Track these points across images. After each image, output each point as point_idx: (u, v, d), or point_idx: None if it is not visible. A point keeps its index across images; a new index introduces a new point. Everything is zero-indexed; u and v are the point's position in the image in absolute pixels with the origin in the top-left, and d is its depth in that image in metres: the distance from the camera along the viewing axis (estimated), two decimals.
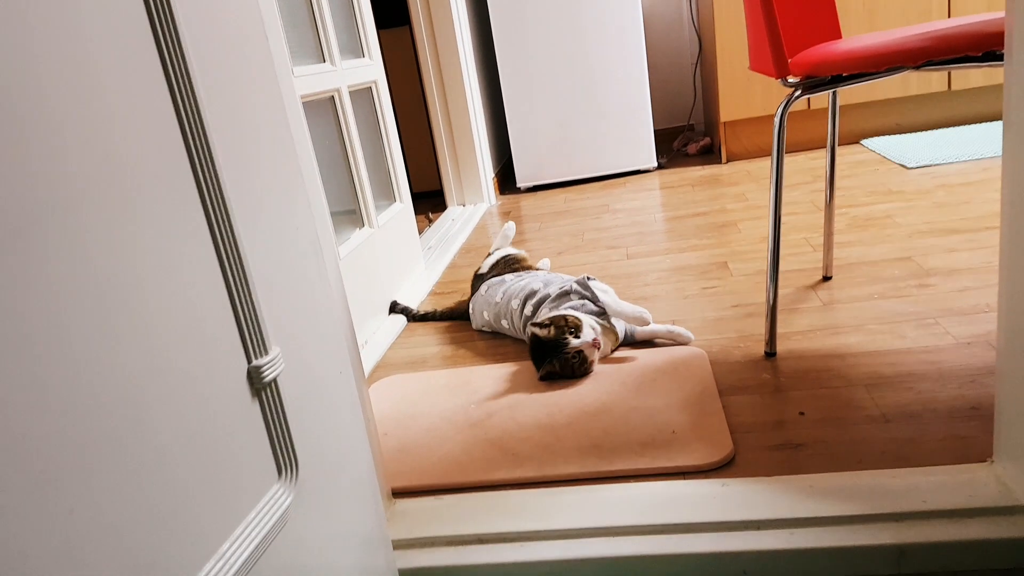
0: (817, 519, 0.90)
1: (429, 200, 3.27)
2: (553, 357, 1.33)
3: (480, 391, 1.36)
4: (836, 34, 1.41)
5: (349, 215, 1.80)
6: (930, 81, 2.70)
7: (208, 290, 0.59)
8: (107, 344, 0.48)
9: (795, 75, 1.22)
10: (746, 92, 2.83)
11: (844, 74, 1.16)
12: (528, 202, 2.96)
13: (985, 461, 0.93)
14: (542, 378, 1.35)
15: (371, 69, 1.97)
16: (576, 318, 1.35)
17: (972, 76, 2.69)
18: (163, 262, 0.54)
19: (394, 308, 1.84)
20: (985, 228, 1.74)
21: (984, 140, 2.49)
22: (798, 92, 1.21)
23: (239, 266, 0.63)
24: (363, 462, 0.84)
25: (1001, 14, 1.12)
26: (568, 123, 3.02)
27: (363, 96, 1.95)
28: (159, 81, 0.56)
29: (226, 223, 0.62)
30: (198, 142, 0.59)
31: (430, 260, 2.29)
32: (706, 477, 1.01)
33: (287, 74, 0.87)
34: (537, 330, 1.35)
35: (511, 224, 1.91)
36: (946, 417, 1.04)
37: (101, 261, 0.48)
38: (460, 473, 1.10)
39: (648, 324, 1.41)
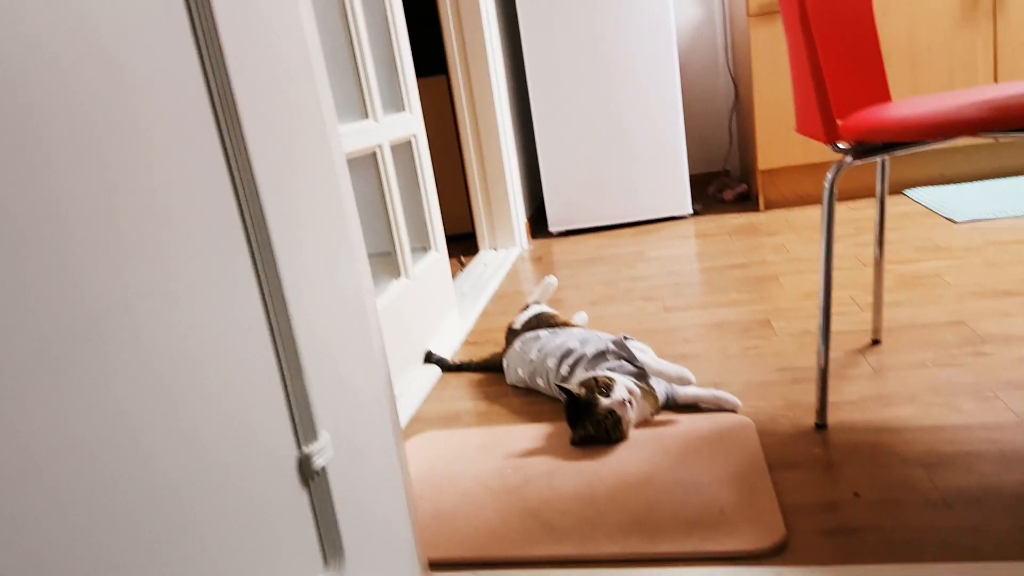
0: None
1: (461, 243, 3.27)
2: (587, 419, 1.29)
3: (516, 453, 1.33)
4: (885, 96, 1.38)
5: (385, 266, 1.79)
6: None
7: (261, 370, 0.58)
8: (141, 431, 0.46)
9: (846, 140, 1.19)
10: (785, 140, 2.80)
11: (896, 141, 1.13)
12: (560, 247, 2.94)
13: None
14: (575, 443, 1.31)
15: (411, 123, 1.99)
16: (608, 378, 1.32)
17: None
18: (210, 339, 0.53)
19: (429, 358, 1.82)
20: None
21: None
22: (849, 158, 1.18)
23: (291, 343, 0.61)
24: (405, 542, 0.81)
25: None
26: (601, 167, 3.02)
27: (403, 149, 1.96)
28: (218, 161, 0.55)
29: (278, 295, 0.60)
30: (252, 210, 0.58)
31: (463, 307, 2.28)
32: (758, 564, 0.96)
33: (335, 135, 0.86)
34: (570, 388, 1.32)
35: (552, 279, 1.89)
36: (1013, 505, 0.99)
37: (134, 338, 0.47)
38: (498, 546, 1.07)
39: (691, 383, 1.37)
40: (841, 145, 1.19)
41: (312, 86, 0.71)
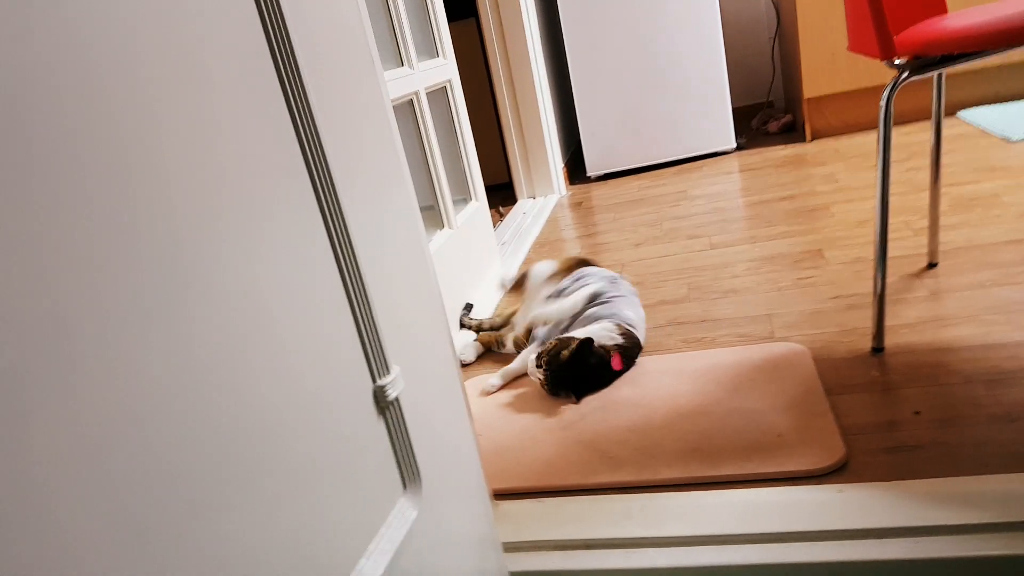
0: (943, 527, 0.85)
1: (498, 193, 3.26)
2: (568, 375, 1.29)
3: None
4: (941, 8, 1.32)
5: (429, 217, 1.81)
6: None
7: (334, 311, 0.60)
8: (243, 369, 0.49)
9: (901, 55, 1.15)
10: (830, 66, 2.70)
11: (955, 53, 1.09)
12: (600, 191, 2.91)
13: None
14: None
15: (446, 68, 1.97)
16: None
17: None
18: (291, 282, 0.55)
19: (462, 324, 1.76)
20: None
21: None
22: (906, 74, 1.14)
23: (360, 285, 0.63)
24: (473, 470, 0.84)
25: None
26: (639, 106, 2.96)
27: (439, 96, 1.95)
28: (282, 110, 0.56)
29: (346, 240, 0.62)
30: (315, 153, 0.59)
31: (505, 256, 2.29)
32: (819, 483, 0.97)
33: (384, 81, 0.87)
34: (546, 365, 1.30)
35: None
36: None
37: (232, 285, 0.49)
38: (558, 476, 1.10)
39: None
40: (897, 61, 1.15)
41: (363, 32, 0.71)
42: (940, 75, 1.37)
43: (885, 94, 1.16)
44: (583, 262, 1.61)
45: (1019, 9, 1.04)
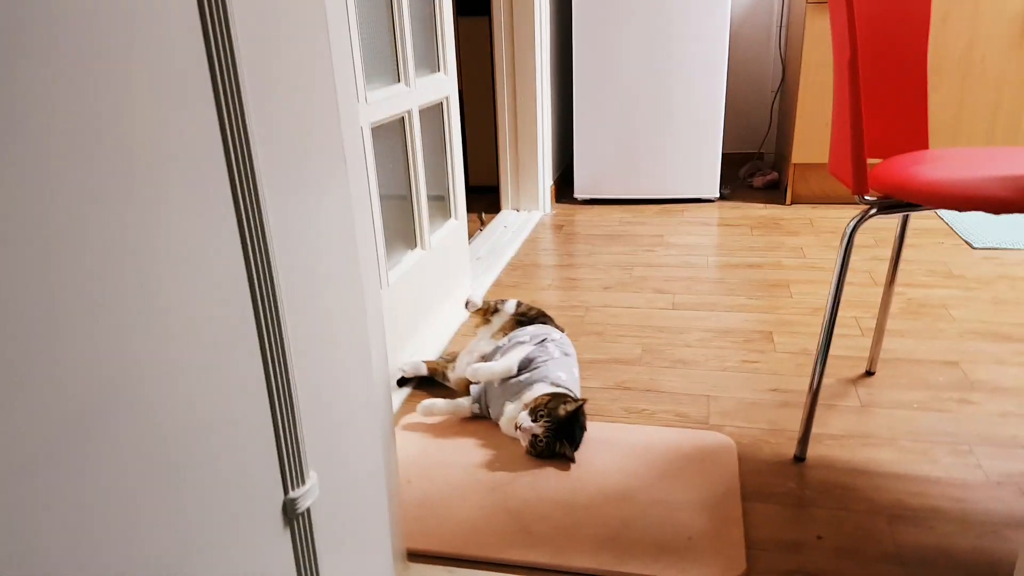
0: None
1: (484, 196, 3.28)
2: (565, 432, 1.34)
3: (507, 445, 1.39)
4: (923, 143, 1.37)
5: (403, 235, 1.83)
6: None
7: (252, 416, 0.63)
8: (136, 509, 0.52)
9: (874, 191, 1.20)
10: (822, 136, 2.76)
11: (923, 206, 1.14)
12: (583, 216, 2.95)
13: None
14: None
15: (445, 84, 1.98)
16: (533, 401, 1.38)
17: None
18: (212, 382, 0.58)
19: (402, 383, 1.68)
20: None
21: None
22: (873, 211, 1.19)
23: (287, 390, 0.66)
24: (383, 563, 0.88)
25: None
26: (636, 138, 2.99)
27: (432, 112, 1.96)
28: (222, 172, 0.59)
29: (277, 336, 0.64)
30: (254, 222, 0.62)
31: (477, 274, 2.32)
32: None
33: (354, 126, 0.87)
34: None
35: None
36: (963, 573, 1.05)
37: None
38: (476, 544, 1.15)
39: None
40: (868, 197, 1.20)
41: (327, 63, 0.72)
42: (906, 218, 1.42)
43: (849, 226, 1.21)
44: (534, 317, 1.66)
45: (988, 178, 1.09)
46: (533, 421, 1.32)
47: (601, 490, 1.26)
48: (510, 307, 1.69)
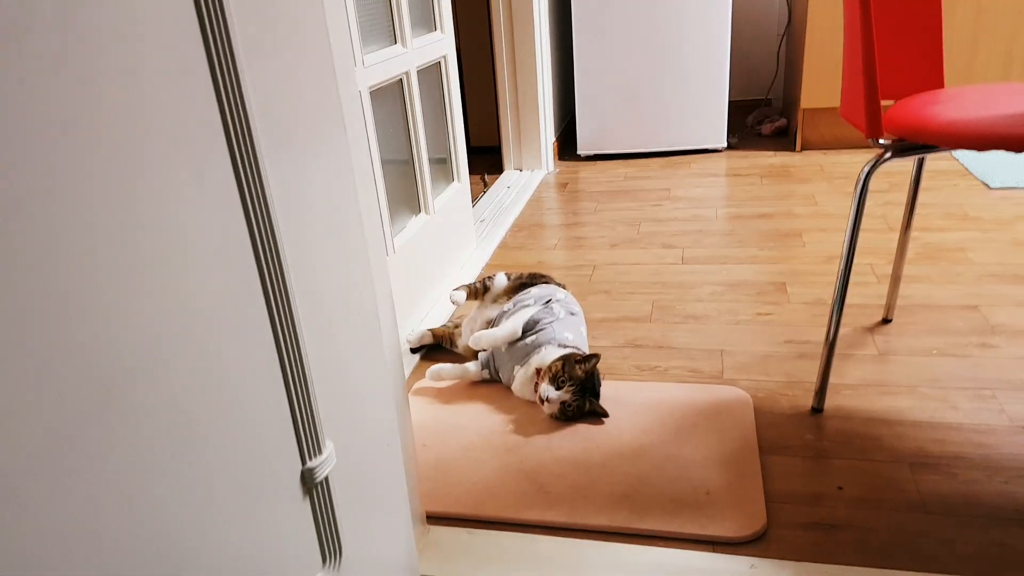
0: None
1: (486, 157, 3.23)
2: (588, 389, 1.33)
3: (519, 407, 1.38)
4: (938, 82, 1.32)
5: (407, 201, 1.79)
6: None
7: (266, 390, 0.61)
8: (157, 468, 0.50)
9: (888, 135, 1.15)
10: (832, 79, 2.68)
11: (941, 146, 1.09)
12: (587, 173, 2.90)
13: None
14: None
15: (442, 44, 1.92)
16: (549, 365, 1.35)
17: None
18: (222, 363, 0.56)
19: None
20: None
21: None
22: (888, 155, 1.15)
23: (299, 361, 0.64)
24: (403, 534, 0.87)
25: None
26: (639, 89, 2.91)
27: (431, 73, 1.91)
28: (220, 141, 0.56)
29: (286, 308, 0.62)
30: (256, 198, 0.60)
31: (482, 237, 2.29)
32: (736, 551, 1.02)
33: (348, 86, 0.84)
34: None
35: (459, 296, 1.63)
36: (987, 518, 1.03)
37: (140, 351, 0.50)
38: (494, 505, 1.14)
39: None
40: (882, 141, 1.15)
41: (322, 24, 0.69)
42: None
43: (864, 171, 1.17)
44: (531, 280, 1.62)
45: (1009, 115, 1.05)
46: (557, 389, 1.30)
47: (616, 448, 1.24)
48: (501, 281, 1.64)
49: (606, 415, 1.33)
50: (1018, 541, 0.99)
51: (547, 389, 1.30)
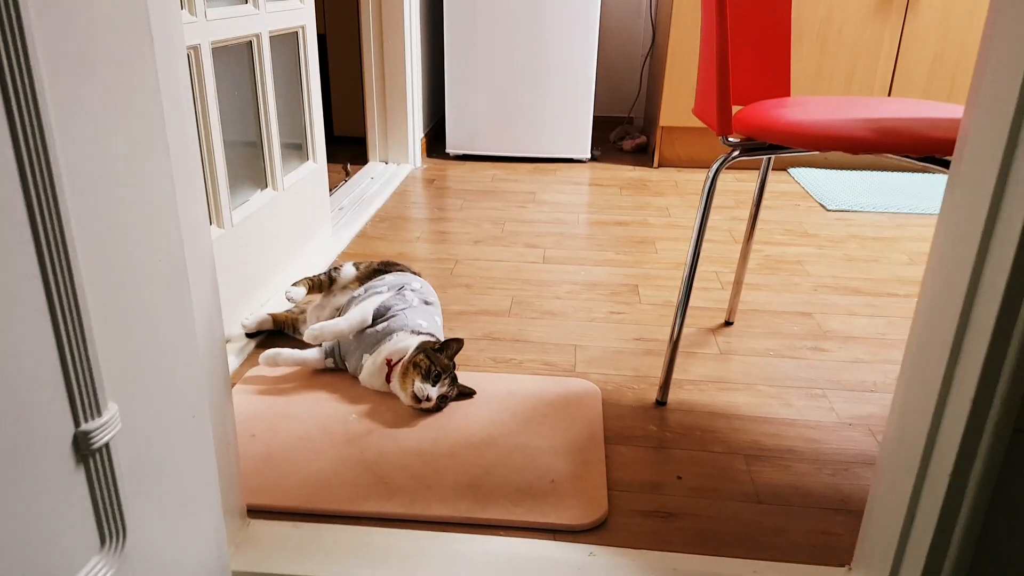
0: None
1: (351, 148, 3.11)
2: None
3: (365, 397, 1.30)
4: (785, 90, 1.38)
5: (251, 174, 1.66)
6: None
7: (30, 341, 0.50)
8: None
9: (737, 134, 1.19)
10: (689, 100, 2.80)
11: (785, 146, 1.14)
12: (455, 172, 2.86)
13: (843, 567, 0.95)
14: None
15: (300, 13, 1.81)
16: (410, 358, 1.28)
17: None
18: None
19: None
20: (887, 294, 1.79)
21: (905, 192, 2.57)
22: (736, 153, 1.18)
23: (75, 311, 0.54)
24: (211, 527, 0.76)
25: (943, 109, 1.12)
26: (508, 95, 2.92)
27: (286, 42, 1.79)
28: None
29: (60, 249, 0.52)
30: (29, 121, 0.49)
31: (339, 224, 2.18)
32: (576, 539, 0.99)
33: (175, 24, 0.73)
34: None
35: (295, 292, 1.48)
36: (815, 508, 1.07)
37: None
38: (326, 498, 1.04)
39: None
40: (732, 139, 1.19)
41: None
42: (769, 161, 1.44)
43: (713, 168, 1.20)
44: (384, 268, 1.54)
45: (847, 120, 1.10)
46: (433, 385, 1.22)
47: (464, 438, 1.19)
48: (348, 272, 1.53)
49: (473, 392, 1.30)
50: (843, 529, 1.03)
51: (424, 388, 1.21)
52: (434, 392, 1.22)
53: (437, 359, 1.24)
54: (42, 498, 0.52)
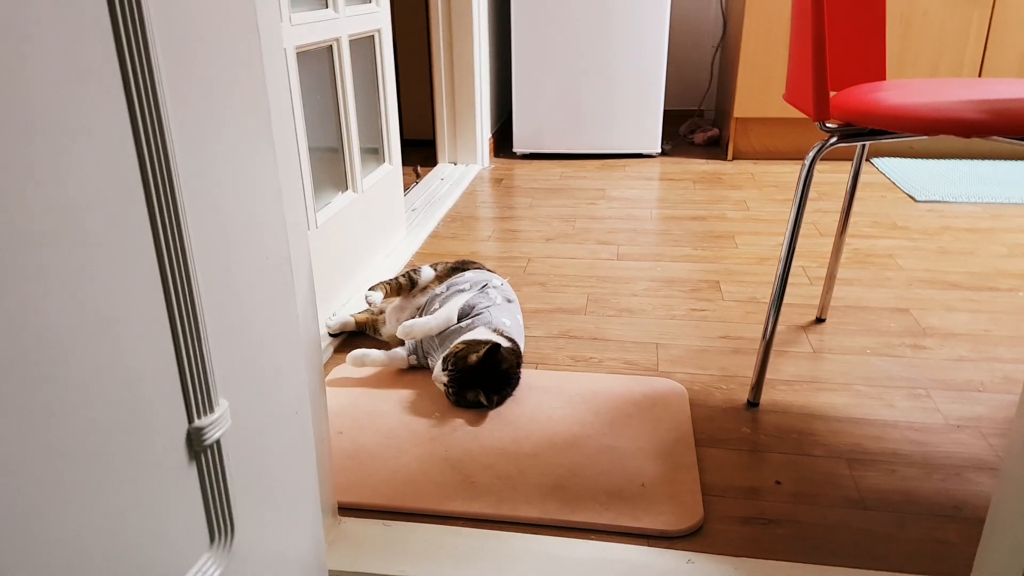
0: None
1: (420, 150, 3.13)
2: (476, 380, 1.24)
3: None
4: (881, 73, 1.31)
5: (332, 177, 1.68)
6: None
7: (149, 339, 0.50)
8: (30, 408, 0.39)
9: (835, 120, 1.13)
10: (764, 90, 2.71)
11: (887, 130, 1.07)
12: (522, 170, 2.84)
13: None
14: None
15: (376, 16, 1.82)
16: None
17: None
18: (96, 305, 0.45)
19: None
20: (988, 288, 1.69)
21: (998, 181, 2.43)
22: (834, 139, 1.12)
23: (191, 310, 0.53)
24: (310, 525, 0.76)
25: None
26: (576, 92, 2.88)
27: (364, 45, 1.81)
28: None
29: (178, 248, 0.52)
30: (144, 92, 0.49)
31: (413, 225, 2.19)
32: (671, 546, 0.95)
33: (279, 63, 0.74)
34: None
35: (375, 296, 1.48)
36: (927, 514, 1.00)
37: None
38: (414, 496, 1.04)
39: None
40: (829, 125, 1.13)
41: None
42: (864, 147, 1.37)
43: (810, 155, 1.14)
44: (461, 266, 1.52)
45: (955, 99, 1.03)
46: (443, 371, 1.22)
47: (547, 438, 1.16)
48: (427, 274, 1.51)
49: (488, 406, 1.24)
50: (958, 538, 0.96)
51: (438, 368, 1.24)
52: (437, 373, 1.24)
53: (464, 354, 1.22)
54: (157, 494, 0.52)
